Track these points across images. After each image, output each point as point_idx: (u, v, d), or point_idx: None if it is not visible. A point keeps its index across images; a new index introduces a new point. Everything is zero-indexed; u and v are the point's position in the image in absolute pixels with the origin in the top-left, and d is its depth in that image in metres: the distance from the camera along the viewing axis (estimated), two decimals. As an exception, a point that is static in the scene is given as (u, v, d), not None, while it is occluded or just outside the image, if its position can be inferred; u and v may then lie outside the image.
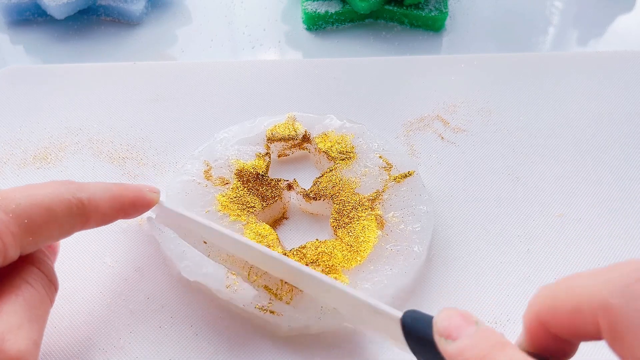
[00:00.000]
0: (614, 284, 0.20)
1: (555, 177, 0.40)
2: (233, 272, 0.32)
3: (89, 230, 0.36)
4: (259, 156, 0.38)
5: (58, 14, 0.52)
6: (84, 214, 0.27)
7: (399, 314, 0.26)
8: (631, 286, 0.20)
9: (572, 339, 0.23)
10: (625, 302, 0.19)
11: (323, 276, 0.30)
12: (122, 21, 0.55)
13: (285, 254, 0.33)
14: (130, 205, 0.30)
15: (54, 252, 0.30)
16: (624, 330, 0.19)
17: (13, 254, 0.25)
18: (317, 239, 0.34)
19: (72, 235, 0.33)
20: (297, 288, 0.32)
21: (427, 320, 0.25)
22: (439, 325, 0.23)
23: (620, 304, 0.19)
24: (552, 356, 0.23)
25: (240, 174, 0.37)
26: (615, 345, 0.20)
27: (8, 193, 0.25)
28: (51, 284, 0.27)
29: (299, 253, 0.33)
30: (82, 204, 0.27)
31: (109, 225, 0.36)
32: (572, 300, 0.21)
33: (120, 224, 0.37)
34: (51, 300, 0.27)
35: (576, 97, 0.46)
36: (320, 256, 0.33)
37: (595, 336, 0.21)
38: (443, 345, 0.23)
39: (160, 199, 0.33)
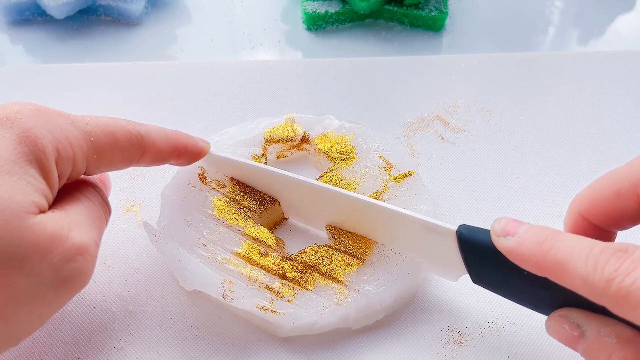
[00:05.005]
0: None
1: (555, 177, 0.40)
2: (230, 281, 0.32)
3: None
4: (255, 158, 0.38)
5: (58, 14, 0.52)
6: (141, 145, 0.30)
7: (454, 227, 0.28)
8: None
9: (612, 227, 0.25)
10: None
11: (378, 202, 0.32)
12: (121, 21, 0.55)
13: (285, 258, 0.33)
14: (183, 148, 0.33)
15: (107, 188, 0.33)
16: None
17: (80, 167, 0.28)
18: (315, 244, 0.34)
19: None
20: (299, 286, 0.32)
21: (480, 230, 0.27)
22: (496, 227, 0.25)
23: None
24: None
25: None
26: None
27: (79, 116, 0.28)
28: (106, 206, 0.30)
29: (298, 257, 0.33)
30: (140, 136, 0.30)
31: (109, 226, 0.36)
32: (613, 184, 0.24)
33: (120, 224, 0.37)
34: (106, 220, 0.30)
35: (576, 97, 0.46)
36: (320, 260, 0.33)
37: (636, 217, 0.23)
38: (502, 243, 0.24)
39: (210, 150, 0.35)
